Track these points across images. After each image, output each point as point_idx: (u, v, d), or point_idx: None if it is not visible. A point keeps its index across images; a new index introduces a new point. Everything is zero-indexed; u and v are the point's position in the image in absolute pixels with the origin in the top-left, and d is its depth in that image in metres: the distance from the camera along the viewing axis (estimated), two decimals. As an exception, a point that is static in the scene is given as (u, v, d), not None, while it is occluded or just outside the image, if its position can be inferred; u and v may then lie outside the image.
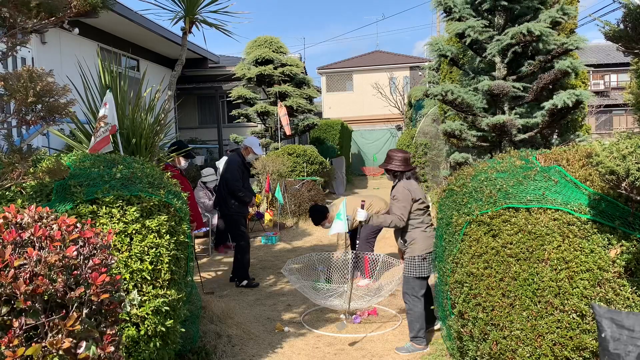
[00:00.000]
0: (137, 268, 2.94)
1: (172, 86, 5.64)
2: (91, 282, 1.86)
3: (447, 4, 6.64)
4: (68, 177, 3.08)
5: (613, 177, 2.41)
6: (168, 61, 12.98)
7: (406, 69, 26.76)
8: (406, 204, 4.15)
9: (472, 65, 7.16)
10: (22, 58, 7.75)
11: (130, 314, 2.87)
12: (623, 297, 2.60)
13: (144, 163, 3.64)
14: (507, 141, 6.45)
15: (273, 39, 13.30)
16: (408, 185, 4.24)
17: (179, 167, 5.98)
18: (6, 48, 2.82)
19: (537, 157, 3.45)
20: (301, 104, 13.20)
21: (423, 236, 4.19)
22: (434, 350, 4.04)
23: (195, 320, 3.84)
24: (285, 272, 4.87)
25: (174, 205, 3.32)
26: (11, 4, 2.60)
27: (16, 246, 1.86)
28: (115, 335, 1.91)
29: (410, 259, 4.17)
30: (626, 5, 3.02)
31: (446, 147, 8.17)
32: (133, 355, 2.90)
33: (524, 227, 2.89)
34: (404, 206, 4.15)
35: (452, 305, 3.35)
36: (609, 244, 2.69)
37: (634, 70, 6.98)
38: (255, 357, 4.06)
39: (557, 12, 6.07)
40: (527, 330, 2.78)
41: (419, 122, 12.71)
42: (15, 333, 1.70)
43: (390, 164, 4.33)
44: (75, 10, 3.33)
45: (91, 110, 4.64)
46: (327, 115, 26.32)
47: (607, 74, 30.46)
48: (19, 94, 2.46)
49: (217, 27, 5.97)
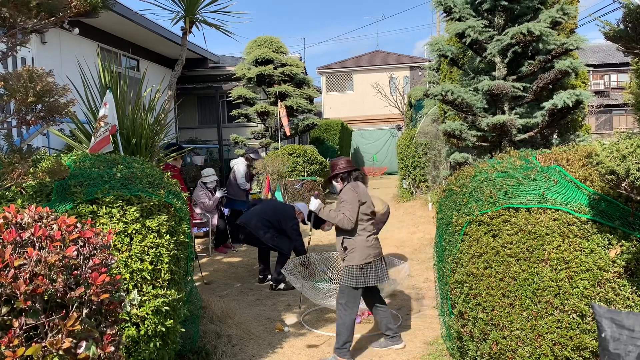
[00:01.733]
0: (137, 268, 2.94)
1: (172, 86, 5.64)
2: (91, 282, 1.86)
3: (447, 4, 6.65)
4: (68, 177, 3.08)
5: (613, 177, 2.41)
6: (168, 61, 12.98)
7: (406, 69, 26.77)
8: (354, 206, 3.96)
9: (472, 65, 7.16)
10: (22, 58, 7.75)
11: (130, 314, 2.86)
12: (623, 297, 2.60)
13: (144, 163, 3.64)
14: (507, 141, 6.46)
15: (273, 39, 13.31)
16: (355, 187, 4.07)
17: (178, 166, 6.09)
18: (6, 48, 2.82)
19: (537, 157, 3.45)
20: (301, 104, 13.20)
21: (364, 245, 3.98)
22: (434, 350, 4.04)
23: (195, 320, 3.84)
24: (285, 272, 4.87)
25: (174, 205, 3.32)
26: (11, 4, 2.60)
27: (16, 246, 1.86)
28: (115, 335, 1.91)
29: (347, 268, 3.98)
30: (626, 5, 3.02)
31: (446, 147, 8.18)
32: (133, 355, 2.90)
33: (524, 227, 2.89)
34: (351, 207, 3.96)
35: (452, 305, 3.35)
36: (609, 244, 2.69)
37: (634, 70, 6.97)
38: (255, 357, 4.06)
39: (557, 12, 6.07)
40: (527, 330, 2.78)
41: (419, 122, 12.71)
42: (15, 333, 1.69)
43: (335, 170, 4.19)
44: (75, 10, 3.33)
45: (91, 110, 4.64)
46: (327, 115, 26.33)
47: (607, 74, 30.46)
48: (19, 94, 2.46)
49: (217, 27, 5.97)
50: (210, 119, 15.38)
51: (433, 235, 6.62)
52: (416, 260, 6.92)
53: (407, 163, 12.16)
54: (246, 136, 13.37)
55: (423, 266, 6.59)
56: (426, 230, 8.43)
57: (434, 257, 4.02)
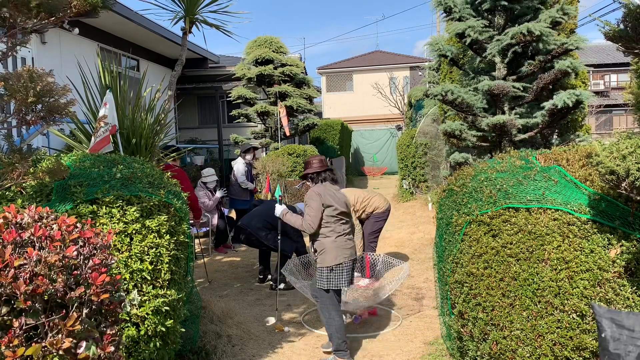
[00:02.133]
0: (137, 268, 2.94)
1: (172, 86, 5.64)
2: (91, 282, 1.86)
3: (447, 4, 6.65)
4: (68, 177, 3.08)
5: (613, 177, 2.41)
6: (168, 61, 12.98)
7: (406, 69, 26.77)
8: (316, 211, 3.93)
9: (472, 65, 7.16)
10: (22, 58, 7.75)
11: (130, 314, 2.86)
12: (623, 297, 2.60)
13: (144, 163, 3.64)
14: (507, 141, 6.46)
15: (273, 39, 13.30)
16: (320, 189, 4.02)
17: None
18: (6, 48, 2.81)
19: (537, 157, 3.45)
20: (301, 104, 13.19)
21: (333, 246, 3.93)
22: (434, 350, 4.04)
23: (195, 320, 3.84)
24: (285, 272, 4.87)
25: (174, 205, 3.32)
26: (11, 4, 2.60)
27: (16, 246, 1.86)
28: (115, 335, 1.91)
29: (319, 270, 3.98)
30: (626, 5, 3.02)
31: (446, 147, 8.18)
32: (133, 355, 2.90)
33: (524, 227, 2.89)
34: (313, 212, 3.94)
35: (452, 305, 3.35)
36: (609, 244, 2.69)
37: (634, 70, 6.98)
38: (255, 357, 4.06)
39: (557, 12, 6.07)
40: (527, 330, 2.78)
41: (419, 122, 12.71)
42: (15, 333, 1.69)
43: (306, 169, 4.17)
44: (75, 10, 3.33)
45: (91, 110, 4.64)
46: (327, 115, 26.33)
47: (607, 74, 30.46)
48: (19, 94, 2.46)
49: (217, 27, 5.97)
50: (210, 119, 15.38)
51: (433, 235, 6.63)
52: (416, 260, 6.92)
53: (407, 163, 12.16)
54: (246, 136, 13.36)
55: (423, 266, 6.59)
56: (426, 230, 8.43)
57: (434, 257, 4.02)
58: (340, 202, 4.04)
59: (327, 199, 3.97)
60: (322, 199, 3.96)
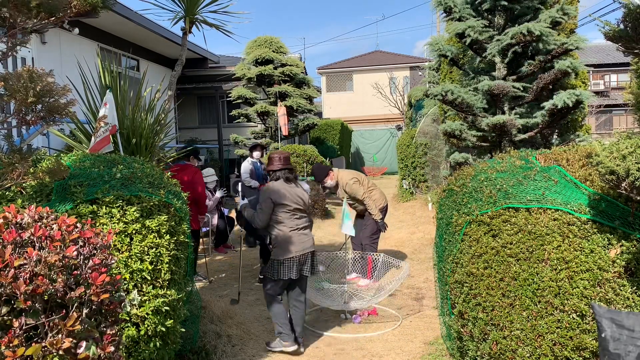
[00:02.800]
0: (137, 268, 2.94)
1: (172, 86, 5.65)
2: (91, 282, 1.86)
3: (447, 4, 6.65)
4: (68, 177, 3.08)
5: (613, 177, 2.41)
6: (168, 61, 12.98)
7: (406, 69, 26.77)
8: (265, 207, 4.10)
9: (472, 65, 7.16)
10: (22, 58, 7.75)
11: (130, 314, 2.86)
12: (623, 297, 2.60)
13: (144, 163, 3.64)
14: (507, 141, 6.46)
15: (273, 39, 13.30)
16: (272, 186, 4.17)
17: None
18: (6, 48, 2.81)
19: (537, 157, 3.45)
20: (301, 104, 13.20)
21: (284, 241, 4.08)
22: (434, 350, 4.04)
23: (195, 320, 3.84)
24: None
25: (174, 205, 3.32)
26: (11, 4, 2.60)
27: (16, 246, 1.86)
28: (115, 335, 1.91)
29: (271, 261, 4.14)
30: (626, 5, 3.02)
31: (446, 147, 8.18)
32: (133, 355, 2.90)
33: (524, 227, 2.89)
34: (262, 209, 4.12)
35: (452, 305, 3.35)
36: (609, 244, 2.69)
37: (634, 70, 6.97)
38: (255, 357, 4.06)
39: (557, 12, 6.08)
40: (527, 330, 2.78)
41: (419, 122, 12.71)
42: (15, 333, 1.69)
43: (268, 165, 4.31)
44: (75, 10, 3.33)
45: (91, 110, 4.64)
46: (327, 115, 26.33)
47: (607, 74, 30.46)
48: (19, 94, 2.46)
49: (217, 27, 5.98)
50: (210, 119, 15.38)
51: (433, 235, 6.63)
52: (416, 260, 6.92)
53: (407, 163, 12.16)
54: (246, 136, 13.37)
55: (423, 266, 6.59)
56: (426, 230, 8.42)
57: (434, 257, 4.02)
58: (294, 199, 4.17)
59: (277, 197, 4.10)
60: (272, 196, 4.10)
